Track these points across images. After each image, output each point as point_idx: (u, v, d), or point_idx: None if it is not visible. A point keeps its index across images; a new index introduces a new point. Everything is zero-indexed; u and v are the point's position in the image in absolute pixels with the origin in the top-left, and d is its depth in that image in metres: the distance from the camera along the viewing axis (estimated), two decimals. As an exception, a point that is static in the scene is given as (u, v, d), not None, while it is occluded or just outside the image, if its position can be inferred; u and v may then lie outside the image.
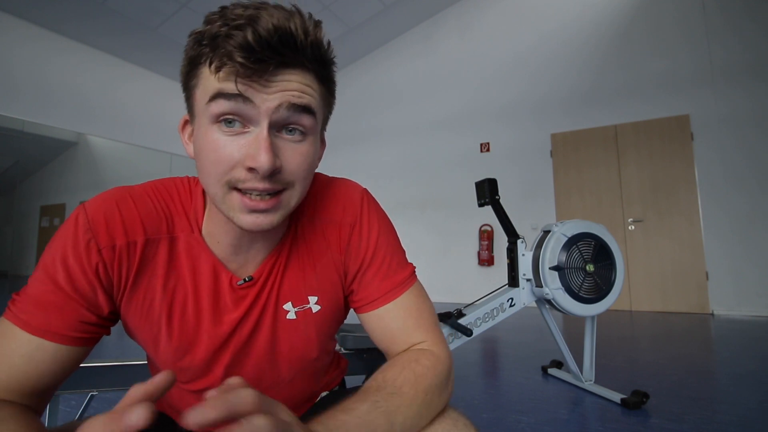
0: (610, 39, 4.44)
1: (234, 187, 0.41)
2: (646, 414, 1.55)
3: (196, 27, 0.40)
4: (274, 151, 0.39)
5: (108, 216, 0.44)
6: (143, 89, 5.27)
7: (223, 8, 0.38)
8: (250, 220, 0.42)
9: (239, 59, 0.36)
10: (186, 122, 0.47)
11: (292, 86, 0.40)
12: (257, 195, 0.41)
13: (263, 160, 0.38)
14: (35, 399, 0.43)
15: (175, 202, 0.49)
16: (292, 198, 0.44)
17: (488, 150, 5.03)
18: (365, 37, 5.51)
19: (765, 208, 3.70)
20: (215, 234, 0.49)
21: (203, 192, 0.50)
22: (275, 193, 0.42)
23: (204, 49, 0.38)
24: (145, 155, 5.47)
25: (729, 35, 3.92)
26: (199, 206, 0.50)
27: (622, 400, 1.63)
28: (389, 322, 0.53)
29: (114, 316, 0.48)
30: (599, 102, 4.43)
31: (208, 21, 0.38)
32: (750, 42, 3.83)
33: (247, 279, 0.49)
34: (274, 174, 0.40)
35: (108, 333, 0.48)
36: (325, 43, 0.41)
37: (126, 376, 0.98)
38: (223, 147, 0.40)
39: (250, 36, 0.36)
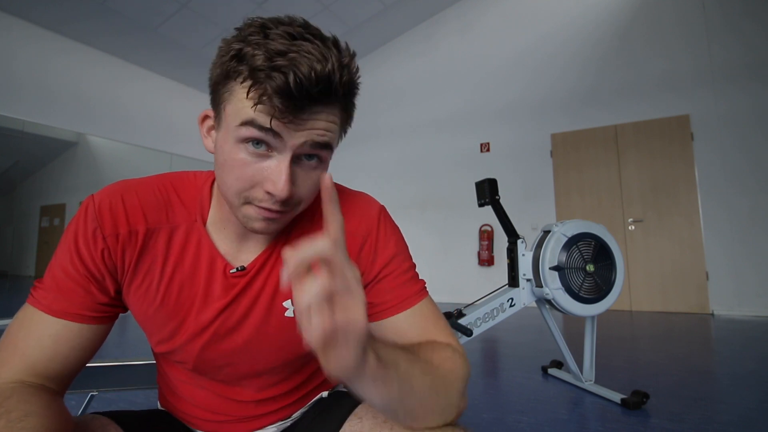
0: (610, 39, 4.44)
1: (248, 202, 0.44)
2: (646, 414, 1.55)
3: (228, 35, 0.42)
4: (292, 179, 0.42)
5: (113, 206, 0.48)
6: (143, 89, 5.26)
7: (265, 29, 0.39)
8: (261, 226, 0.46)
9: (278, 103, 0.38)
10: (206, 117, 0.49)
11: (319, 125, 0.42)
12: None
13: (282, 189, 0.41)
14: (59, 382, 0.47)
15: (179, 193, 0.53)
16: (298, 209, 0.48)
17: (488, 150, 5.03)
18: (365, 37, 5.51)
19: (765, 208, 3.70)
20: (221, 222, 0.52)
21: (211, 184, 0.54)
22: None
23: (242, 71, 0.39)
24: (145, 155, 5.45)
25: (729, 35, 3.92)
26: (205, 197, 0.53)
27: (622, 400, 1.63)
28: (407, 329, 0.52)
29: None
30: (599, 102, 4.43)
31: (246, 42, 0.39)
32: (750, 42, 3.83)
33: (239, 268, 0.52)
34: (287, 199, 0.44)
35: (124, 311, 0.53)
36: (355, 75, 0.43)
37: (126, 376, 0.98)
38: (247, 166, 0.42)
39: (291, 82, 0.37)
